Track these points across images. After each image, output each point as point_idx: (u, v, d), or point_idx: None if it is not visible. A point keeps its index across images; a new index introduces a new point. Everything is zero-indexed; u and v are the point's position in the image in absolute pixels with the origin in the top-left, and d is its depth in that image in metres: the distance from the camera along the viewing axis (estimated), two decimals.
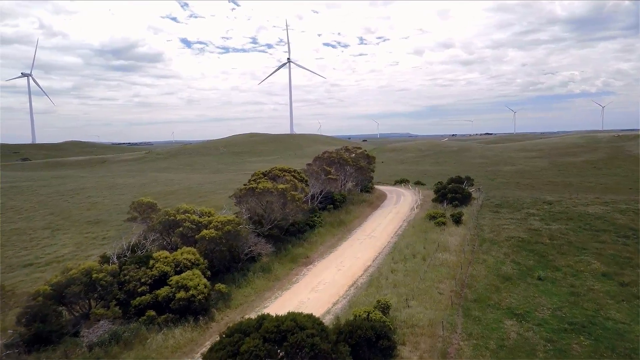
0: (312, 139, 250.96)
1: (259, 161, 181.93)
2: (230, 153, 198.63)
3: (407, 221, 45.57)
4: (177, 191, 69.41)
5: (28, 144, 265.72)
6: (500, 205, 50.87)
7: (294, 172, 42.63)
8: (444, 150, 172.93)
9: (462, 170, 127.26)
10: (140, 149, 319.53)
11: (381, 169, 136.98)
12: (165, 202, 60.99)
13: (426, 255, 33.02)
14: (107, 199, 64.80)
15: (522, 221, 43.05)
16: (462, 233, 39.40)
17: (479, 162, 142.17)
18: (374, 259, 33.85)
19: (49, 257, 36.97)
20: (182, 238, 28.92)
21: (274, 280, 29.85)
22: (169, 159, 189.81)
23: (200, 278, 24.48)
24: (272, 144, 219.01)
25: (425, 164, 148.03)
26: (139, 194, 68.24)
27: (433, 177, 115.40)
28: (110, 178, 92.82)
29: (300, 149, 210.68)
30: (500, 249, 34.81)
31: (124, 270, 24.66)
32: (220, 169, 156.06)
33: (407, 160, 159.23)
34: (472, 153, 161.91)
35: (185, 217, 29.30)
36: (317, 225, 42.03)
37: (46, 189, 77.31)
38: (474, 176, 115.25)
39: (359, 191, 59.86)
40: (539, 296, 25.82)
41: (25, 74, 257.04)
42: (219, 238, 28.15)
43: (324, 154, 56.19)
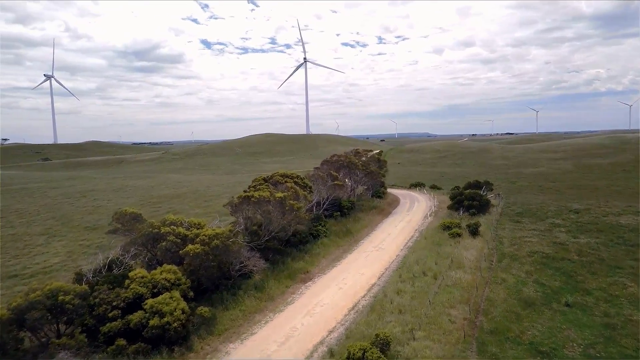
0: (329, 139, 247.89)
1: (274, 162, 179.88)
2: (245, 153, 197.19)
3: (419, 231, 42.06)
4: (183, 194, 67.29)
5: (50, 144, 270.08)
6: (521, 213, 46.82)
7: (296, 178, 39.65)
8: (462, 151, 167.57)
9: (481, 172, 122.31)
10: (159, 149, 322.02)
11: (397, 170, 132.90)
12: (169, 206, 58.97)
13: (438, 273, 29.60)
14: (111, 202, 63.06)
15: (546, 233, 39.07)
16: (479, 246, 35.75)
17: (499, 163, 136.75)
18: (380, 276, 30.58)
19: (36, 268, 34.91)
20: (166, 253, 26.24)
21: (267, 300, 26.91)
22: (185, 159, 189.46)
23: (178, 302, 21.70)
24: (288, 145, 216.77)
25: (442, 165, 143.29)
26: (146, 197, 66.46)
27: (451, 179, 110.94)
28: (121, 180, 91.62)
29: (316, 150, 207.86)
30: (522, 266, 31.10)
31: (95, 292, 22.09)
32: (234, 169, 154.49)
33: (424, 161, 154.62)
34: (492, 154, 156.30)
35: (170, 230, 26.61)
36: (321, 235, 38.96)
37: (55, 191, 76.34)
38: (494, 179, 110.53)
39: (370, 196, 56.52)
40: (568, 328, 22.19)
41: (48, 76, 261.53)
42: (205, 254, 25.36)
43: (332, 157, 53.07)
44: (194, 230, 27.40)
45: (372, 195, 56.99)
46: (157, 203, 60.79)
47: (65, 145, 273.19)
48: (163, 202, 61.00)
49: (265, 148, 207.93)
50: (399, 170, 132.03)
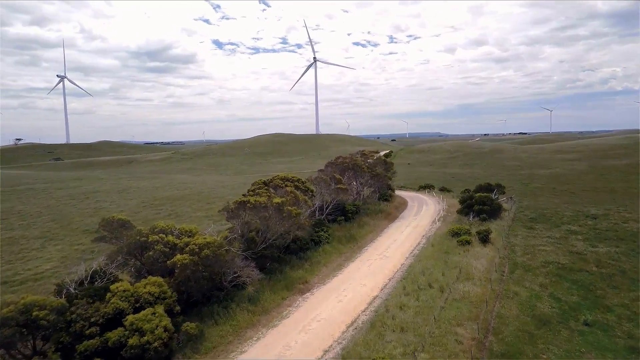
0: (338, 139, 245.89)
1: (282, 162, 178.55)
2: (254, 154, 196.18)
3: (426, 237, 39.96)
4: (186, 196, 65.98)
5: (62, 144, 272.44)
6: (535, 219, 44.40)
7: (297, 181, 37.86)
8: (474, 152, 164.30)
9: (493, 174, 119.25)
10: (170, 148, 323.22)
11: (407, 171, 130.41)
12: (171, 208, 57.65)
13: (445, 284, 27.57)
14: (114, 204, 62.00)
15: (562, 241, 36.70)
16: (490, 255, 33.59)
17: (511, 164, 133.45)
18: (383, 288, 28.64)
19: (27, 274, 33.68)
20: (154, 263, 24.65)
21: (261, 314, 25.17)
22: (194, 159, 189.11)
23: (161, 318, 20.07)
24: (297, 144, 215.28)
25: (453, 166, 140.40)
26: (148, 198, 65.32)
27: (461, 180, 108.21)
28: (127, 180, 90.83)
29: (325, 150, 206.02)
30: (536, 278, 28.90)
31: (73, 306, 20.58)
32: (242, 170, 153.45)
33: (435, 162, 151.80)
34: (504, 155, 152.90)
35: (159, 239, 25.01)
36: (323, 241, 37.13)
37: (60, 192, 75.70)
38: (506, 180, 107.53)
39: (377, 199, 54.49)
40: (587, 351, 20.06)
41: (61, 76, 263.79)
42: (194, 264, 23.71)
43: (337, 159, 51.19)
44: (184, 239, 25.76)
45: (378, 198, 54.96)
46: (159, 205, 59.53)
47: (78, 145, 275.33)
48: (165, 204, 59.72)
49: (274, 148, 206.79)
50: (408, 171, 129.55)
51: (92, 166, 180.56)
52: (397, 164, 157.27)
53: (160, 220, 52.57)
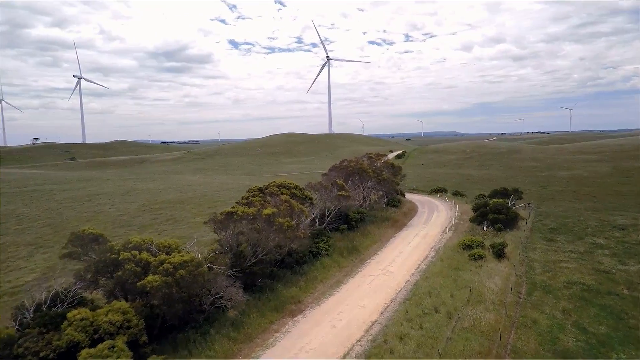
0: (351, 139, 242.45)
1: (293, 162, 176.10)
2: (265, 154, 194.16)
3: (435, 250, 36.62)
4: (188, 200, 63.71)
5: (79, 144, 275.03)
6: (556, 230, 40.60)
7: (294, 188, 34.92)
8: (490, 152, 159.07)
9: (509, 175, 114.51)
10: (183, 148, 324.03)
11: (420, 172, 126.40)
12: (170, 212, 55.37)
13: (453, 309, 24.33)
14: (114, 207, 60.06)
15: (587, 256, 32.99)
16: (505, 272, 30.14)
17: (529, 165, 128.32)
18: (383, 311, 25.52)
19: (6, 287, 31.45)
20: (124, 285, 22.04)
21: (244, 342, 22.34)
22: (205, 159, 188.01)
23: (120, 354, 17.38)
24: (309, 145, 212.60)
25: (468, 167, 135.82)
26: (150, 202, 63.25)
27: (476, 183, 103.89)
28: (133, 182, 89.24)
29: (337, 150, 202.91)
30: (557, 302, 25.42)
31: (23, 337, 18.06)
32: (253, 170, 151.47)
33: (449, 162, 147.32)
34: (522, 155, 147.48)
35: (131, 257, 22.37)
36: (322, 253, 34.16)
37: (64, 194, 74.28)
38: (524, 182, 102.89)
39: (385, 205, 51.27)
40: None
41: (77, 77, 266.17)
42: (167, 286, 21.02)
43: (342, 162, 48.13)
44: (160, 256, 23.06)
45: (387, 204, 51.72)
46: (159, 209, 57.34)
47: (94, 144, 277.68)
48: (165, 209, 57.51)
49: (285, 148, 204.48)
50: (422, 172, 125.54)
51: (105, 166, 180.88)
52: (410, 164, 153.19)
53: (158, 225, 50.47)
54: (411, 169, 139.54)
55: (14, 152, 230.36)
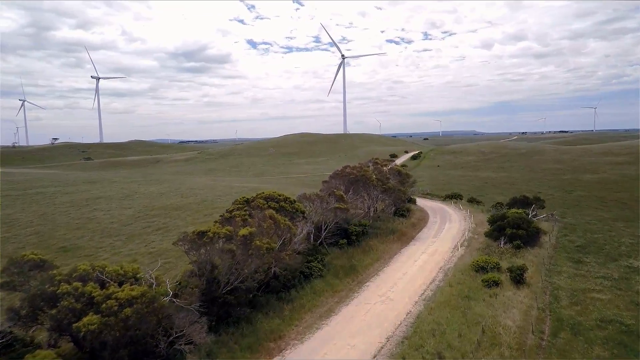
0: (366, 139, 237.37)
1: (307, 163, 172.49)
2: (279, 154, 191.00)
3: (444, 271, 32.12)
4: (186, 205, 60.45)
5: (96, 143, 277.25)
6: (584, 248, 35.55)
7: (284, 201, 30.92)
8: (510, 153, 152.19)
9: (530, 179, 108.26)
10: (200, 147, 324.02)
11: (435, 175, 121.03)
12: (164, 220, 52.12)
13: (460, 355, 19.97)
14: (109, 213, 57.22)
15: (622, 284, 28.04)
16: (525, 304, 25.52)
17: (552, 168, 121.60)
18: (376, 354, 21.28)
19: None
20: (60, 324, 18.43)
21: None
22: (219, 159, 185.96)
23: None
24: (324, 145, 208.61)
25: (487, 169, 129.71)
26: (147, 207, 60.22)
27: (495, 187, 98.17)
28: (137, 185, 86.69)
29: (352, 150, 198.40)
30: (590, 349, 20.75)
31: None
32: (265, 171, 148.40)
33: (467, 164, 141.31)
34: (544, 157, 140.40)
35: (71, 289, 18.73)
36: (314, 274, 30.10)
37: (66, 197, 71.99)
38: (546, 186, 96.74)
39: (392, 215, 46.88)
40: None
41: (94, 77, 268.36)
42: (109, 328, 17.32)
43: (344, 169, 43.92)
44: (109, 288, 19.35)
45: (394, 213, 47.30)
46: (154, 216, 54.17)
47: (111, 144, 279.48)
48: (160, 216, 54.33)
49: (299, 148, 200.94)
50: (437, 175, 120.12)
51: (119, 166, 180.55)
52: (425, 166, 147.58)
53: (147, 234, 47.16)
54: (426, 170, 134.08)
55: (33, 152, 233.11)
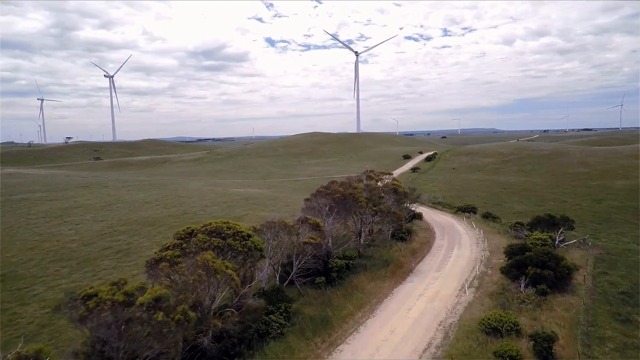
0: (380, 138, 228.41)
1: (316, 164, 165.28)
2: (288, 154, 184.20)
3: (444, 328, 24.26)
4: (165, 219, 53.86)
5: (109, 142, 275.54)
6: (630, 296, 27.09)
7: (233, 236, 23.47)
8: (531, 155, 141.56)
9: (554, 184, 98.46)
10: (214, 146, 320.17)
11: (450, 179, 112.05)
12: (131, 239, 45.44)
13: None
14: (78, 226, 51.02)
15: None
16: None
17: (578, 172, 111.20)
18: None
19: None
20: None
21: None
22: (226, 160, 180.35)
23: None
24: (334, 145, 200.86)
25: (506, 172, 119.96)
26: (121, 220, 53.70)
27: (514, 194, 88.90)
28: (126, 191, 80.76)
29: (364, 150, 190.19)
30: None
31: None
32: (271, 173, 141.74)
33: (485, 167, 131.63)
34: (568, 159, 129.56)
35: None
36: (272, 332, 22.74)
37: (46, 205, 66.28)
38: (572, 193, 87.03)
39: (389, 237, 39.13)
40: None
41: (107, 75, 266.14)
42: None
43: (331, 184, 36.34)
44: None
45: (392, 236, 39.51)
46: (123, 232, 47.75)
47: (123, 143, 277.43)
48: (128, 232, 47.86)
49: (309, 148, 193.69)
50: (452, 179, 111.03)
51: (127, 166, 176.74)
52: (440, 168, 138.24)
53: (103, 259, 39.81)
54: (441, 173, 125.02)
55: (46, 152, 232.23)
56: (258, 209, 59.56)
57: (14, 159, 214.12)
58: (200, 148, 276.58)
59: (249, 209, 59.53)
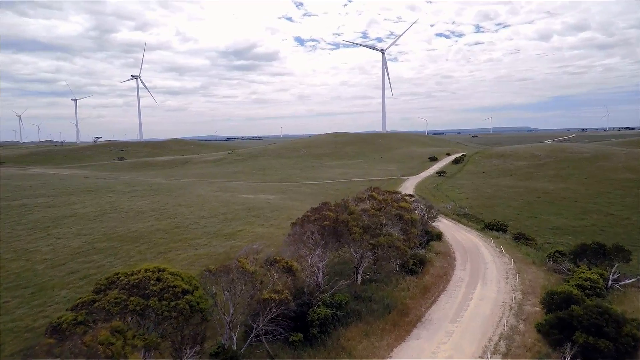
0: (405, 138, 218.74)
1: (338, 166, 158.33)
2: (310, 155, 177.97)
3: None
4: (150, 234, 48.33)
5: (135, 142, 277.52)
6: None
7: (162, 292, 17.00)
8: (570, 158, 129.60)
9: (596, 192, 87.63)
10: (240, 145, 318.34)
11: (479, 184, 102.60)
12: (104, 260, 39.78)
13: None
14: (56, 243, 46.06)
15: None
16: None
17: (623, 178, 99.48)
18: None
19: None
20: None
21: None
22: (247, 160, 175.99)
23: None
24: (358, 146, 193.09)
25: (541, 178, 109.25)
26: (104, 235, 48.42)
27: (551, 204, 79.06)
28: (128, 198, 76.40)
29: (388, 152, 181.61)
30: None
31: None
32: (290, 175, 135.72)
33: (518, 171, 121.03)
34: (612, 162, 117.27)
35: None
36: None
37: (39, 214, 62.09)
38: (618, 205, 76.50)
39: (396, 268, 31.91)
40: None
41: (134, 76, 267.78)
42: None
43: (323, 206, 29.50)
44: None
45: (401, 267, 32.24)
46: (100, 251, 42.41)
47: (149, 142, 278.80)
48: (106, 251, 42.47)
49: (332, 149, 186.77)
50: (481, 185, 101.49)
51: (149, 167, 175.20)
52: (468, 172, 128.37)
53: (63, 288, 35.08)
54: (469, 178, 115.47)
55: (74, 151, 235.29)
56: (256, 223, 53.29)
57: (43, 158, 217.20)
58: (224, 148, 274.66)
59: (246, 222, 53.35)
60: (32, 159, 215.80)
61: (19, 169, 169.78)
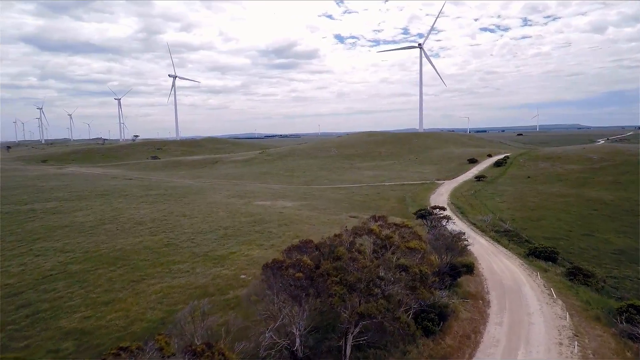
0: (443, 138, 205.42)
1: (369, 167, 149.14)
2: (341, 156, 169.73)
3: None
4: (135, 254, 42.17)
5: (171, 140, 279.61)
6: None
7: None
8: (630, 161, 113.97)
9: None
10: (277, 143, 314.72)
11: (522, 192, 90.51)
12: (65, 292, 34.11)
13: None
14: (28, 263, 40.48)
15: None
16: None
17: None
18: None
19: None
20: None
21: None
22: (276, 161, 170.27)
23: None
24: (392, 145, 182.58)
25: (597, 185, 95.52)
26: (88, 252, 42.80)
27: (611, 219, 66.71)
28: (136, 203, 71.52)
29: (425, 152, 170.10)
30: None
31: None
32: (318, 177, 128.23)
33: (568, 176, 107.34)
34: None
35: None
36: None
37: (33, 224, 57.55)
38: None
39: (412, 319, 23.54)
40: None
41: (172, 75, 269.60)
42: None
43: (304, 244, 21.69)
44: None
45: (417, 318, 23.89)
46: (69, 275, 36.62)
47: (184, 141, 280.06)
48: (76, 274, 36.61)
49: (365, 149, 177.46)
50: (525, 192, 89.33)
51: (179, 166, 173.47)
52: (511, 176, 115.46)
53: None
54: (511, 184, 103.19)
55: (113, 150, 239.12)
56: (255, 242, 46.09)
57: (83, 157, 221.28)
58: (257, 147, 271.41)
59: (244, 241, 46.27)
60: (73, 158, 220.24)
61: (57, 167, 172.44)
